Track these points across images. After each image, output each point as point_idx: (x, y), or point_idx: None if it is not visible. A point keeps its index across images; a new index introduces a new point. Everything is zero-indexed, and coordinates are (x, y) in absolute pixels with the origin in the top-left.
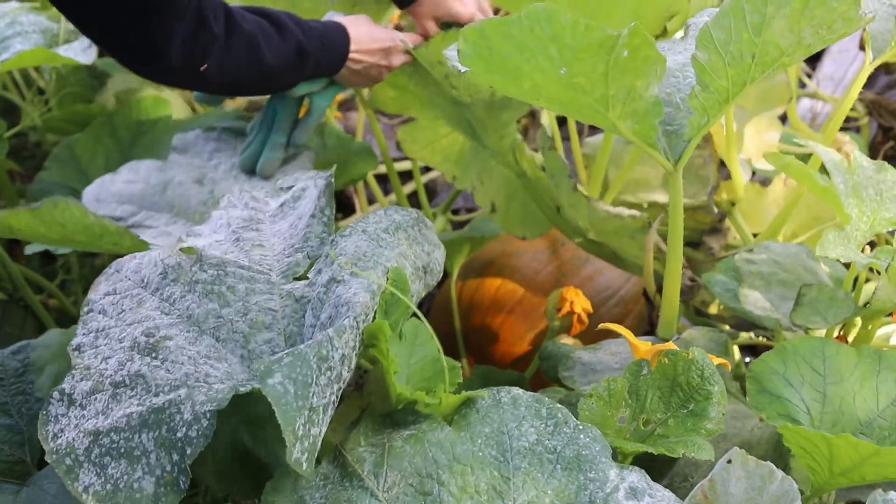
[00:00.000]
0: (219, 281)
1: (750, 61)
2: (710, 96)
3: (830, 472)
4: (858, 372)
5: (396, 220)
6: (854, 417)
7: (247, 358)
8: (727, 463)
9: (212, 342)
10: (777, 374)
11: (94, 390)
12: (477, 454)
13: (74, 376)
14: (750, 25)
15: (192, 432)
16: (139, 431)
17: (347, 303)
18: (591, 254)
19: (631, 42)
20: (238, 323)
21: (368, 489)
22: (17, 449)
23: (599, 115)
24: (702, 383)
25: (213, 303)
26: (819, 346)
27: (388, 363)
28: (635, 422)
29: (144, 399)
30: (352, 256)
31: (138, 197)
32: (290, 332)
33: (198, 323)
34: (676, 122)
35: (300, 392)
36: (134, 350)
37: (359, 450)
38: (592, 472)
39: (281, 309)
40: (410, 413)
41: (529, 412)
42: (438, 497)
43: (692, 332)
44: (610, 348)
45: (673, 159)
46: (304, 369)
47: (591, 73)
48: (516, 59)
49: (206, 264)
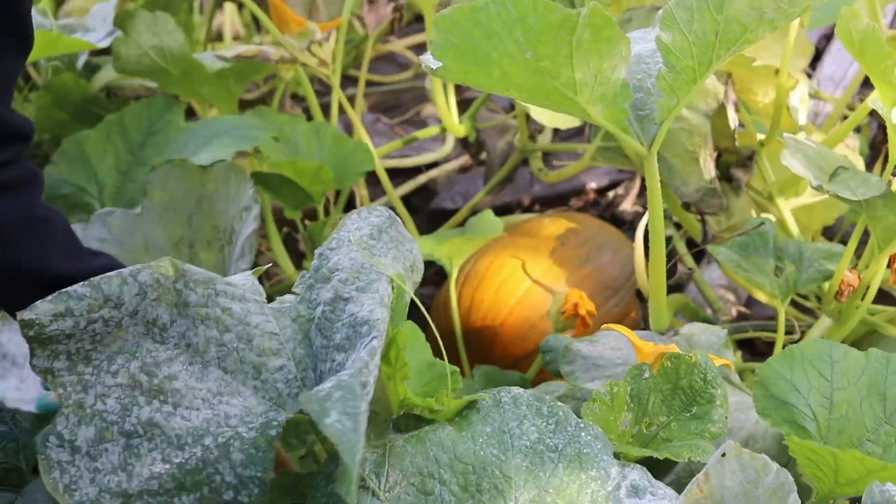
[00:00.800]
0: (212, 302)
1: (714, 39)
2: (677, 77)
3: (836, 482)
4: (866, 377)
5: (375, 223)
6: (861, 424)
7: (260, 389)
8: (721, 456)
9: (220, 374)
10: (783, 378)
11: (101, 438)
12: (478, 453)
13: (69, 418)
14: (711, 4)
15: (243, 498)
16: (177, 495)
17: (367, 321)
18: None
19: (592, 22)
20: (245, 351)
21: (370, 489)
22: (12, 456)
23: (568, 101)
24: (705, 387)
25: (212, 329)
26: (827, 350)
27: (396, 371)
28: (638, 425)
29: (168, 453)
30: (350, 271)
31: None
32: (298, 355)
33: (200, 353)
34: (648, 107)
35: (355, 426)
36: (136, 390)
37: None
38: (594, 470)
39: (282, 331)
40: (412, 419)
41: (530, 411)
42: (440, 496)
43: (692, 328)
44: (609, 341)
45: (646, 143)
46: (354, 401)
47: (556, 56)
48: (485, 46)
49: (192, 282)
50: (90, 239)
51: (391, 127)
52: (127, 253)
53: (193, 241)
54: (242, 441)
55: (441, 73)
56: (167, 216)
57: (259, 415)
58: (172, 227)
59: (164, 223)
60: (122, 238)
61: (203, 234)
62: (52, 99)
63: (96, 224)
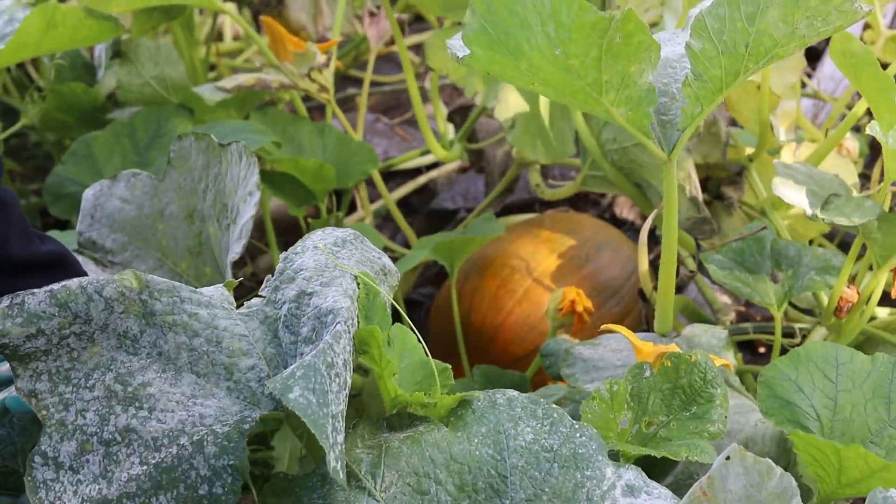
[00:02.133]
0: (178, 309)
1: (744, 51)
2: (703, 85)
3: (838, 482)
4: (871, 380)
5: (339, 236)
6: (865, 426)
7: (234, 390)
8: (725, 460)
9: (193, 378)
10: (788, 379)
11: (83, 451)
12: (474, 453)
13: (52, 436)
14: (744, 14)
15: (217, 489)
16: (155, 494)
17: (331, 311)
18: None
19: (624, 27)
20: (215, 353)
21: (366, 489)
22: (10, 460)
23: (593, 100)
24: (704, 386)
25: (181, 335)
26: (833, 352)
27: (382, 368)
28: (637, 424)
29: (146, 456)
30: (314, 270)
31: (130, 227)
32: (268, 354)
33: (172, 360)
34: (672, 112)
35: (321, 400)
36: (112, 400)
37: (356, 451)
38: (589, 469)
39: (251, 333)
40: (406, 417)
41: (525, 412)
42: (436, 496)
43: (693, 329)
44: (610, 344)
45: (667, 149)
46: (317, 378)
47: (585, 56)
48: (518, 37)
49: (156, 291)
50: (113, 196)
51: (391, 127)
52: (143, 218)
53: (205, 215)
54: (216, 436)
55: (468, 62)
56: (185, 186)
57: (234, 414)
58: (188, 198)
59: (181, 194)
60: (141, 202)
61: (214, 210)
62: (58, 104)
63: (121, 183)
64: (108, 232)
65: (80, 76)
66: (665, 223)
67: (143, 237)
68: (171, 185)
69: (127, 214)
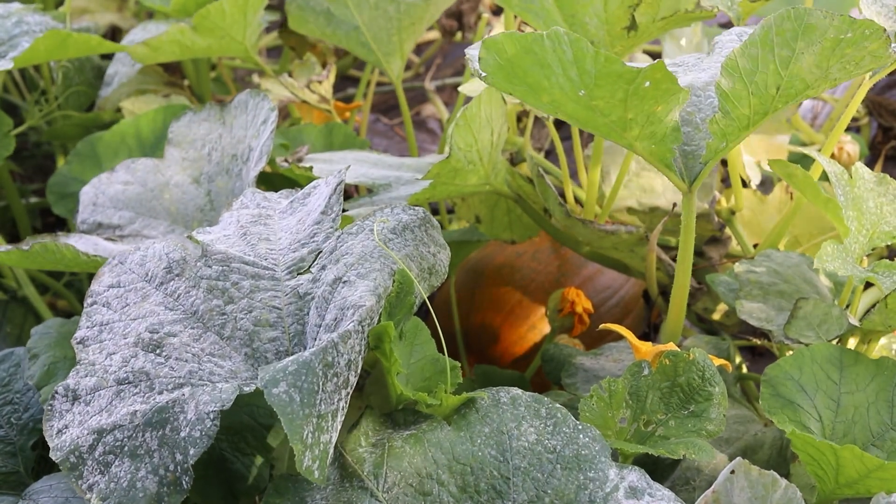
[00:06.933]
0: (223, 277)
1: (774, 93)
2: (730, 123)
3: (836, 482)
4: (875, 383)
5: (403, 219)
6: (867, 428)
7: (251, 356)
8: (730, 473)
9: (216, 339)
10: (792, 379)
11: (98, 387)
12: (476, 454)
13: (79, 371)
14: (778, 58)
15: (196, 432)
16: (143, 430)
17: (353, 306)
18: (594, 262)
19: (652, 75)
20: (242, 320)
21: (368, 489)
22: (10, 459)
23: (616, 134)
24: (702, 384)
25: (218, 299)
26: (837, 354)
27: (391, 364)
28: (636, 423)
29: (149, 397)
30: (359, 256)
31: (135, 202)
32: (294, 330)
33: (202, 319)
34: (694, 143)
35: (306, 400)
36: (138, 346)
37: (359, 450)
38: (592, 471)
39: (285, 307)
40: (410, 413)
41: (529, 412)
42: (438, 497)
43: (694, 341)
44: (612, 354)
45: (688, 180)
46: (309, 377)
47: (611, 98)
48: (536, 75)
49: (212, 260)
50: (114, 182)
51: (391, 127)
52: (148, 192)
53: (212, 174)
54: (214, 388)
55: (489, 82)
56: (189, 156)
57: (242, 378)
58: (192, 167)
59: (184, 165)
60: (145, 179)
61: (222, 166)
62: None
63: (120, 171)
64: (113, 211)
65: (87, 80)
66: (681, 252)
67: (149, 208)
68: (172, 160)
69: (131, 193)
